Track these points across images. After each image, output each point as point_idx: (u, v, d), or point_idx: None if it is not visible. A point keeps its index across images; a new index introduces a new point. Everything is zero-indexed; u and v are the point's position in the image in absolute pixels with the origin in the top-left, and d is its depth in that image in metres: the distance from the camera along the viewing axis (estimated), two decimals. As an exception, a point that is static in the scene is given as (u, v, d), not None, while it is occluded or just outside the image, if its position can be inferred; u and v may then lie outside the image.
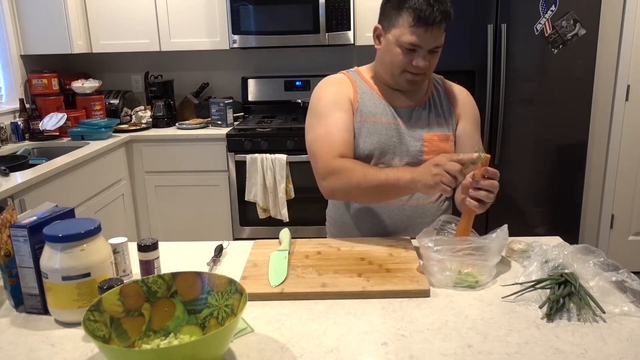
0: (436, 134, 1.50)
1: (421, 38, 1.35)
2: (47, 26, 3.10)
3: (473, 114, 1.57)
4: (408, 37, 1.36)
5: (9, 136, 3.00)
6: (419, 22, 1.33)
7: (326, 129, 1.44)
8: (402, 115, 1.49)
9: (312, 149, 1.46)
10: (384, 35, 1.43)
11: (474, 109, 1.58)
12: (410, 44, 1.36)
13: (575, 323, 1.00)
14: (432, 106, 1.52)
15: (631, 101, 3.13)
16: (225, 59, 3.63)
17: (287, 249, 1.32)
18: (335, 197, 1.47)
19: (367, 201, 1.49)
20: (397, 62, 1.41)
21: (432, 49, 1.39)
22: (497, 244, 1.17)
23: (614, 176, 3.23)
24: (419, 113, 1.50)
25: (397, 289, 1.12)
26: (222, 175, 3.16)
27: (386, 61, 1.44)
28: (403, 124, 1.48)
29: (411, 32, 1.35)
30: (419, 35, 1.35)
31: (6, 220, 1.07)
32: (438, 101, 1.54)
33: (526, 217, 2.96)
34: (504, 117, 2.81)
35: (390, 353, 0.91)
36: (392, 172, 1.33)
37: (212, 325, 0.95)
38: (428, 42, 1.36)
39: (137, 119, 3.45)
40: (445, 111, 1.53)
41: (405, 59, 1.39)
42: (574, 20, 2.70)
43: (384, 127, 1.47)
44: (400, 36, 1.37)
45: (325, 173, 1.40)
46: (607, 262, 1.10)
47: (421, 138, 1.48)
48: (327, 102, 1.47)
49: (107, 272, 1.05)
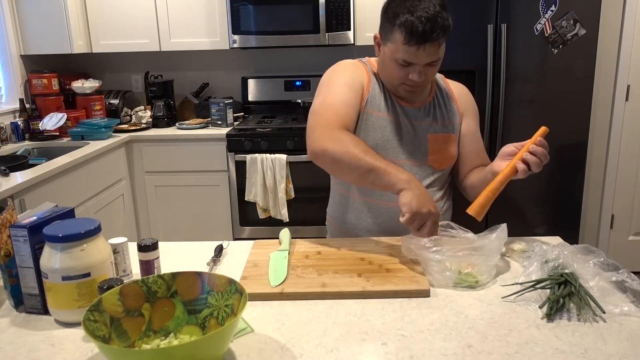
0: (441, 134, 1.49)
1: (414, 55, 1.32)
2: (47, 26, 3.10)
3: (474, 111, 1.58)
4: (401, 54, 1.33)
5: (9, 136, 3.00)
6: (410, 41, 1.30)
7: (335, 99, 1.40)
8: (409, 114, 1.48)
9: (316, 109, 1.41)
10: (382, 46, 1.41)
11: (474, 106, 1.59)
12: (404, 60, 1.35)
13: (575, 323, 1.00)
14: (436, 107, 1.51)
15: (631, 101, 3.13)
16: (225, 59, 3.63)
17: (287, 249, 1.32)
18: (321, 159, 1.34)
19: (347, 178, 1.41)
20: (394, 76, 1.40)
21: (429, 63, 1.36)
22: (496, 243, 1.18)
23: (614, 176, 3.23)
24: (424, 114, 1.49)
25: (397, 289, 1.12)
26: (222, 175, 3.16)
27: (385, 71, 1.44)
28: (409, 123, 1.47)
29: (404, 50, 1.32)
30: (411, 53, 1.32)
31: (6, 220, 1.07)
32: (442, 101, 1.53)
33: (526, 217, 2.96)
34: (504, 117, 2.81)
35: (390, 353, 0.91)
36: (391, 165, 1.28)
37: (212, 325, 0.95)
38: (422, 59, 1.33)
39: (137, 119, 3.45)
40: (449, 111, 1.52)
41: (401, 74, 1.38)
42: (574, 20, 2.70)
43: (389, 123, 1.46)
44: (394, 52, 1.35)
45: (325, 137, 1.32)
46: (607, 262, 1.10)
47: (426, 139, 1.48)
48: (340, 79, 1.44)
49: (107, 272, 1.05)
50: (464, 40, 2.76)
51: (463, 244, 1.18)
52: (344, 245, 1.37)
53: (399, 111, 1.47)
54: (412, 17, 1.28)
